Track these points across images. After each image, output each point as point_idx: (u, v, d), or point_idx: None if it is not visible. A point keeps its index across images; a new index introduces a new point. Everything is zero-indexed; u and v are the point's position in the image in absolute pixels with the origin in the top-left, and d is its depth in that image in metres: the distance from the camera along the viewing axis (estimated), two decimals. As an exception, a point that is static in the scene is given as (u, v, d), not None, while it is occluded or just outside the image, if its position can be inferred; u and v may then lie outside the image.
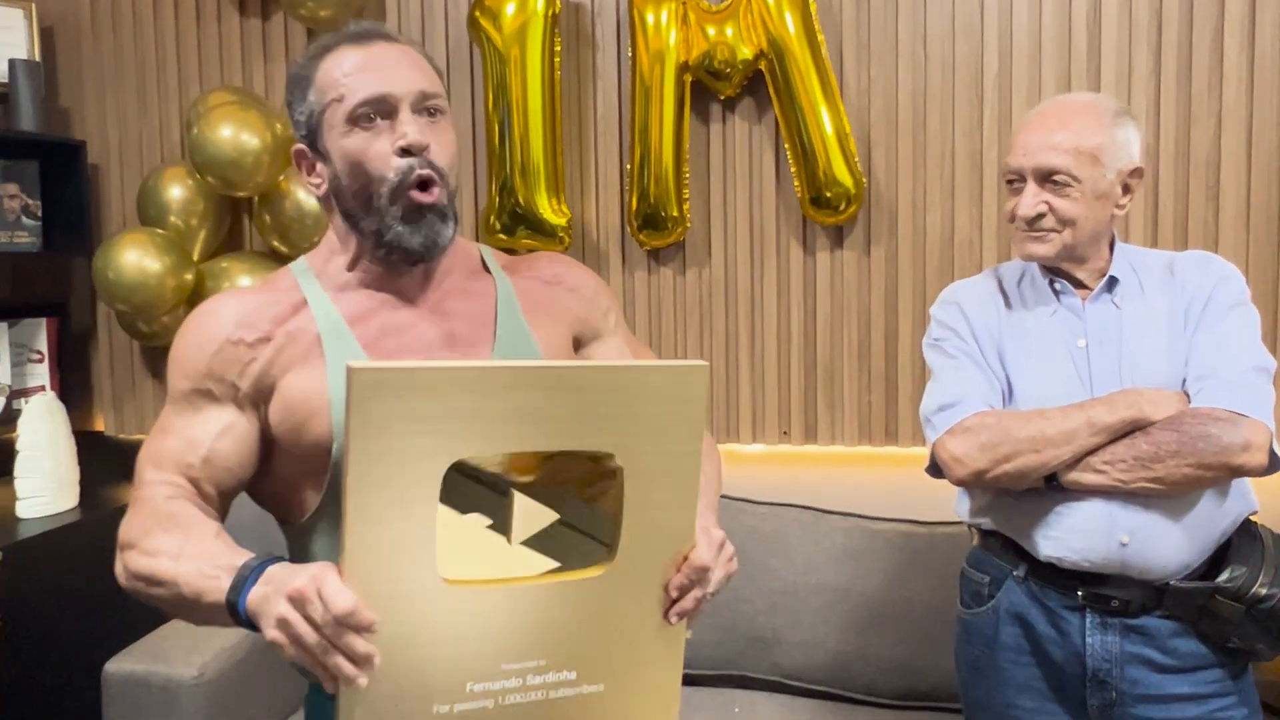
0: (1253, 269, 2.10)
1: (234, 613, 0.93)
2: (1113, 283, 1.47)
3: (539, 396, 0.86)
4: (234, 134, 2.25)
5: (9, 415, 2.42)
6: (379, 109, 1.08)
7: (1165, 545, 1.37)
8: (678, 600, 0.97)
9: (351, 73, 1.08)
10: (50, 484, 2.23)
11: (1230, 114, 2.10)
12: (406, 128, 1.08)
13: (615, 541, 0.93)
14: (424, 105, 1.10)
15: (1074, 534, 1.39)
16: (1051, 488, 1.40)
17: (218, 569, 0.95)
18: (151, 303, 2.34)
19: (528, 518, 0.93)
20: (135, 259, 2.31)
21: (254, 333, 1.09)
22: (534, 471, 0.93)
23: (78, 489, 2.30)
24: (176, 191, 2.43)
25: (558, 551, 0.93)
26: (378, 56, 1.10)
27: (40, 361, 2.55)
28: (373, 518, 0.83)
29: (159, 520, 1.03)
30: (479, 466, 0.90)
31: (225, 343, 1.09)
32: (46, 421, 2.22)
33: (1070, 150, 1.40)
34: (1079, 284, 1.48)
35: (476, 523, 0.92)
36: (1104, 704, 1.42)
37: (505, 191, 2.31)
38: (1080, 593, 1.42)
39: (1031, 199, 1.42)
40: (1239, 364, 1.37)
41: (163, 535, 1.01)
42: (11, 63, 2.46)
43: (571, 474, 0.94)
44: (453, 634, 0.88)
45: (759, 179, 2.34)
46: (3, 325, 2.46)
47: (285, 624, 0.85)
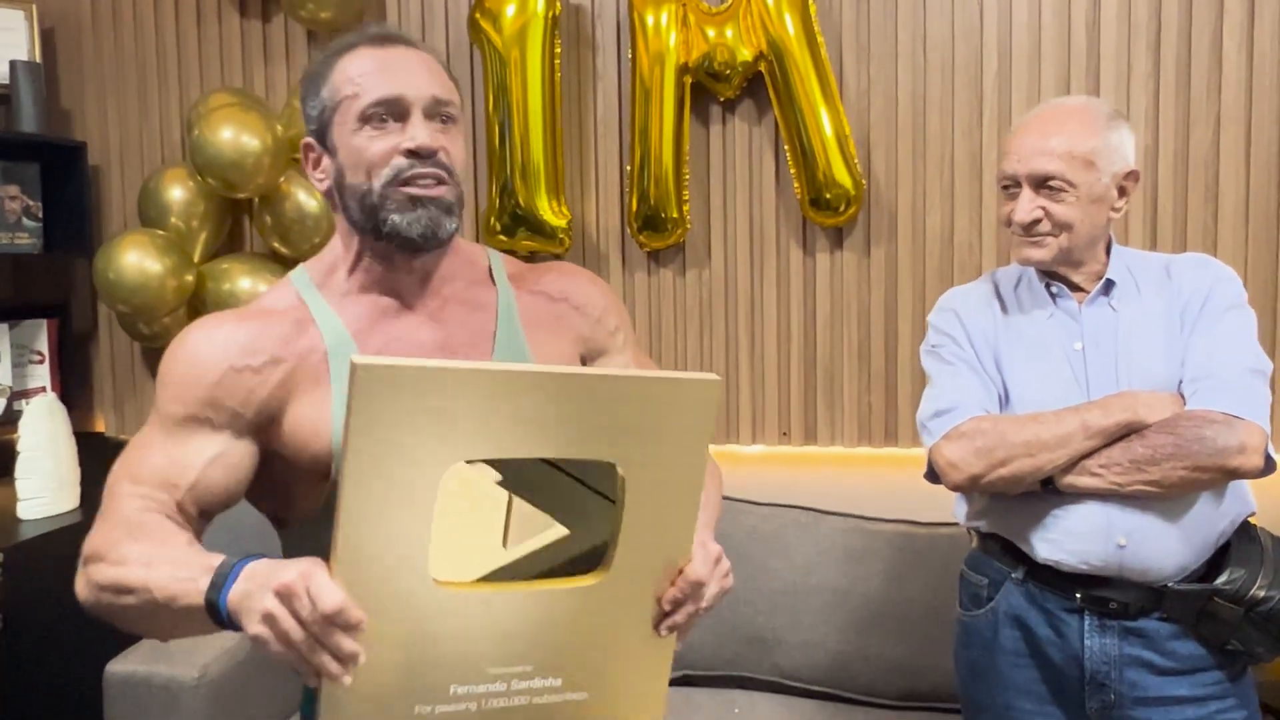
0: (1251, 270, 2.10)
1: (214, 612, 0.90)
2: (1109, 286, 1.47)
3: (544, 402, 0.85)
4: (235, 135, 2.25)
5: (10, 416, 2.42)
6: (392, 110, 1.08)
7: (1162, 547, 1.37)
8: (670, 614, 0.97)
9: (368, 72, 1.09)
10: (51, 485, 2.23)
11: (1229, 116, 2.10)
12: (416, 131, 1.08)
13: (611, 552, 0.92)
14: (437, 111, 1.10)
15: (1071, 536, 1.39)
16: (1048, 491, 1.40)
17: (193, 570, 0.92)
18: (152, 304, 2.35)
19: (526, 523, 0.93)
20: (136, 260, 2.31)
21: (260, 357, 1.07)
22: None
23: (78, 490, 2.31)
24: (177, 193, 2.43)
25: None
26: (396, 59, 1.10)
27: (41, 362, 2.55)
28: (367, 515, 0.82)
29: (129, 530, 1.01)
30: (480, 469, 0.90)
31: (229, 370, 1.07)
32: (47, 422, 2.23)
33: (1064, 155, 1.40)
34: (1076, 287, 1.49)
35: (473, 525, 0.92)
36: (1103, 706, 1.42)
37: (505, 193, 2.32)
38: (1079, 595, 1.42)
39: (1027, 204, 1.42)
40: (1235, 366, 1.37)
41: (132, 544, 0.99)
42: (12, 64, 2.47)
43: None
44: (440, 635, 0.87)
45: (759, 180, 2.34)
46: (4, 326, 2.47)
47: (271, 619, 0.83)
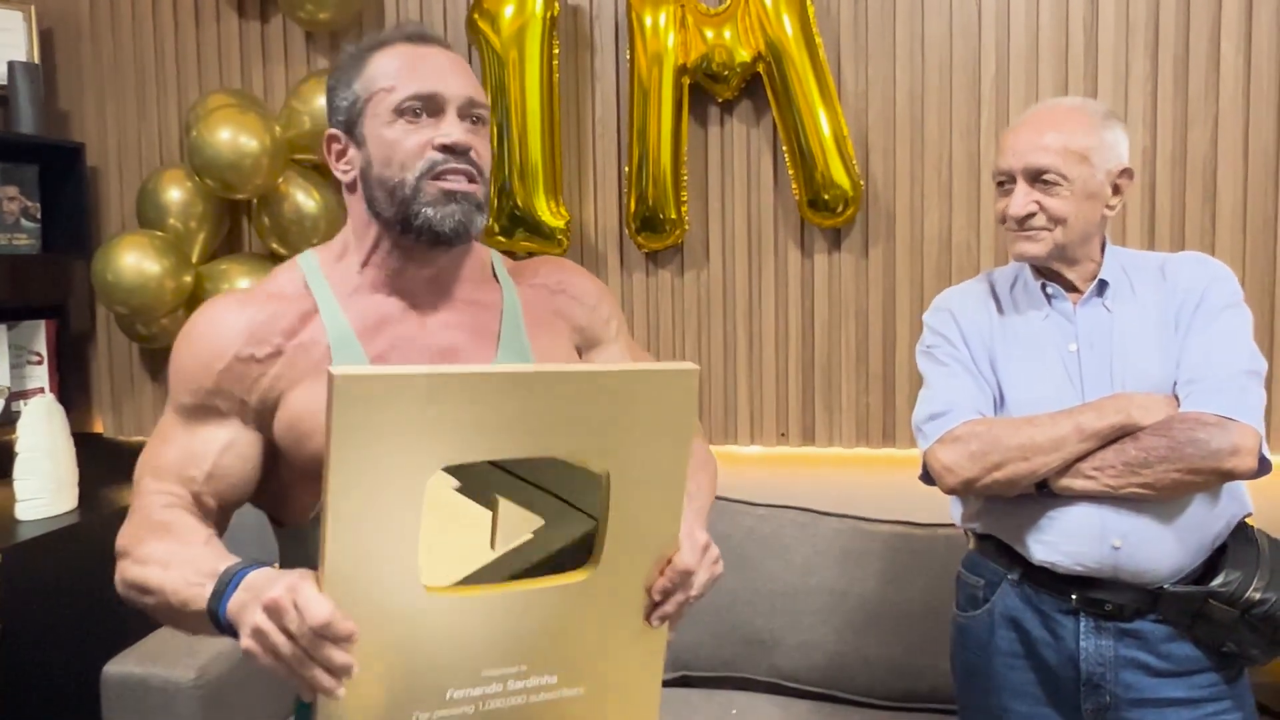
0: (1249, 271, 2.10)
1: (215, 620, 0.92)
2: (1103, 286, 1.47)
3: (522, 402, 0.85)
4: (233, 136, 2.25)
5: (8, 417, 2.43)
6: (427, 105, 1.09)
7: (1157, 549, 1.37)
8: (660, 604, 0.97)
9: (406, 67, 1.10)
10: (49, 486, 2.23)
11: (1227, 116, 2.10)
12: (451, 128, 1.09)
13: (599, 546, 0.92)
14: (470, 112, 1.12)
15: (1066, 538, 1.39)
16: (1043, 494, 1.40)
17: (202, 576, 0.94)
18: (150, 305, 2.35)
19: (511, 524, 0.93)
20: (134, 261, 2.32)
21: (265, 348, 1.08)
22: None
23: (76, 491, 2.31)
24: (175, 194, 2.43)
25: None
26: (433, 58, 1.12)
27: (39, 363, 2.56)
28: (353, 525, 0.82)
29: (152, 528, 1.03)
30: (463, 473, 0.89)
31: (234, 359, 1.08)
32: (45, 423, 2.23)
33: (1059, 150, 1.41)
34: (1071, 287, 1.49)
35: (460, 529, 0.92)
36: (1098, 708, 1.42)
37: (504, 194, 2.32)
38: (1074, 596, 1.42)
39: (1022, 198, 1.43)
40: (1230, 367, 1.37)
41: (155, 543, 1.01)
42: (11, 65, 2.47)
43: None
44: (433, 642, 0.87)
45: (757, 181, 2.34)
46: (2, 327, 2.47)
47: (260, 634, 0.84)
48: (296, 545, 1.12)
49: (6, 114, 2.52)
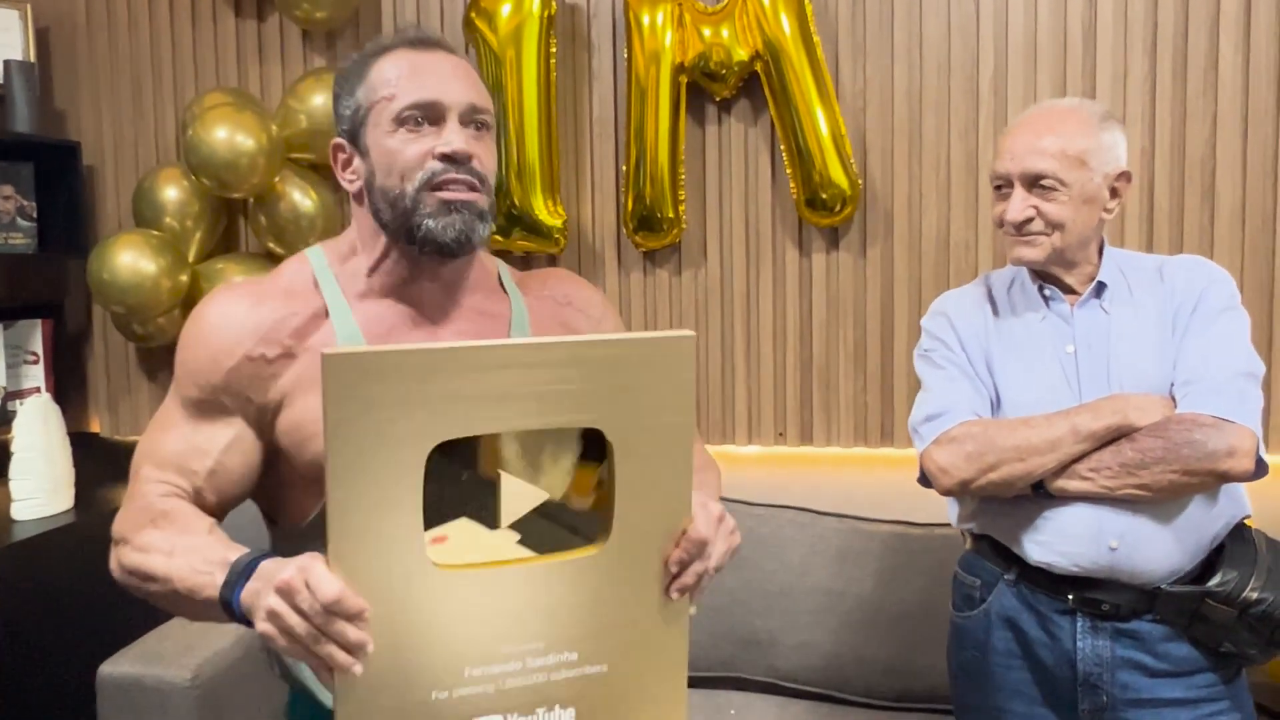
0: (1247, 271, 2.10)
1: (228, 609, 0.93)
2: (1101, 288, 1.47)
3: (519, 375, 0.86)
4: (229, 135, 2.25)
5: (4, 417, 2.42)
6: (427, 114, 1.08)
7: (1154, 550, 1.37)
8: (678, 575, 0.96)
9: (405, 75, 1.09)
10: (45, 486, 2.23)
11: (1225, 116, 2.10)
12: (451, 136, 1.08)
13: (609, 518, 0.92)
14: (472, 118, 1.11)
15: (1062, 539, 1.39)
16: (1039, 494, 1.40)
17: (211, 565, 0.95)
18: (147, 304, 2.34)
19: (515, 500, 0.92)
20: (130, 260, 2.31)
21: (275, 349, 1.08)
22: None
23: (73, 491, 2.30)
24: (172, 193, 2.43)
25: (539, 547, 0.93)
26: (434, 64, 1.10)
27: (35, 363, 2.55)
28: (355, 505, 0.83)
29: (152, 516, 1.03)
30: (465, 449, 0.89)
31: (244, 358, 1.08)
32: (41, 423, 2.22)
33: (1057, 154, 1.40)
34: (1069, 289, 1.48)
35: (464, 506, 0.91)
36: (1095, 708, 1.42)
37: (501, 193, 2.31)
38: (1071, 597, 1.42)
39: (1020, 203, 1.42)
40: (1227, 369, 1.37)
41: (155, 531, 1.02)
42: (6, 64, 2.46)
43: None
44: (446, 619, 0.87)
45: (754, 180, 2.34)
46: (-2, 326, 2.46)
47: (275, 616, 0.85)
48: (290, 545, 1.12)
49: (2, 113, 2.51)
